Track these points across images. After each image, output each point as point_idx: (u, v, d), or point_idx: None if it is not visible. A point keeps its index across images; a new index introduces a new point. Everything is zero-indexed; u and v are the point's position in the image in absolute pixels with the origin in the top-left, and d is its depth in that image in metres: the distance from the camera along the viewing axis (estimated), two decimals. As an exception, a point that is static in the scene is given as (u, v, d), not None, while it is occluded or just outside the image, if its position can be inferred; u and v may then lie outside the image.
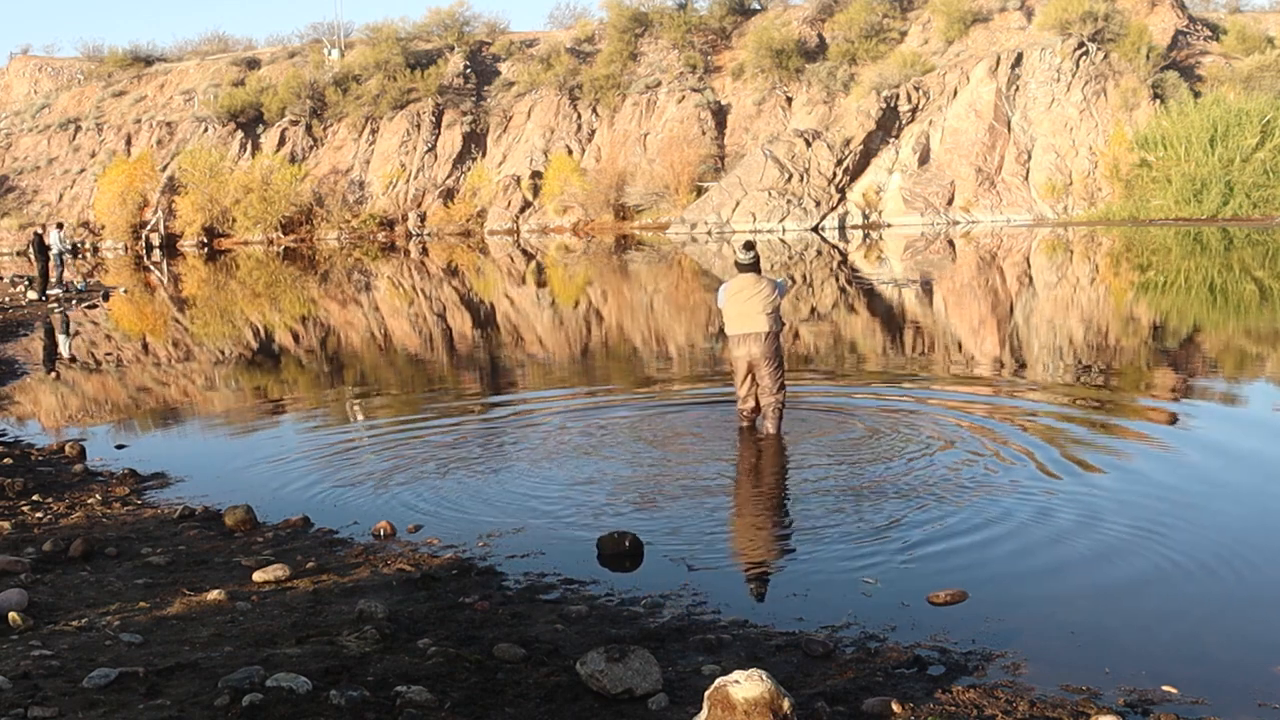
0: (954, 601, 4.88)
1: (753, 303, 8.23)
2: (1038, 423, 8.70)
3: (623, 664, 3.85)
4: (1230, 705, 3.86)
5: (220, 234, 47.38)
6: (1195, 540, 5.68)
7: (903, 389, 10.56)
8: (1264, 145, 36.59)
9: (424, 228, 48.08)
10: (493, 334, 17.21)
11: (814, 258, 30.12)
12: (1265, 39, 46.10)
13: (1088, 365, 12.07)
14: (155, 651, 4.31)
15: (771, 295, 8.26)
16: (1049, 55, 41.67)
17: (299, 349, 16.12)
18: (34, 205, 50.34)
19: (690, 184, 44.20)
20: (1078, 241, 32.29)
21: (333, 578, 5.35)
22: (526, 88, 50.67)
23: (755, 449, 8.01)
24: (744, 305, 8.26)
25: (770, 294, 8.25)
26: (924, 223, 40.18)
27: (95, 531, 6.19)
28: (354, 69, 52.43)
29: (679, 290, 22.82)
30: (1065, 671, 4.13)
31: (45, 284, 24.55)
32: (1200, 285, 19.81)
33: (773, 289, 8.28)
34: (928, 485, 6.81)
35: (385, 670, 4.09)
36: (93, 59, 59.32)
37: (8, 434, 9.69)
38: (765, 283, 8.29)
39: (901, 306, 18.62)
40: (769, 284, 8.30)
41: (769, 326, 8.24)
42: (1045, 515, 6.18)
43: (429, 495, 7.04)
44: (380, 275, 30.42)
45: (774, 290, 8.29)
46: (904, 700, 3.82)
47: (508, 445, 8.45)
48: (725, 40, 51.65)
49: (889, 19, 48.53)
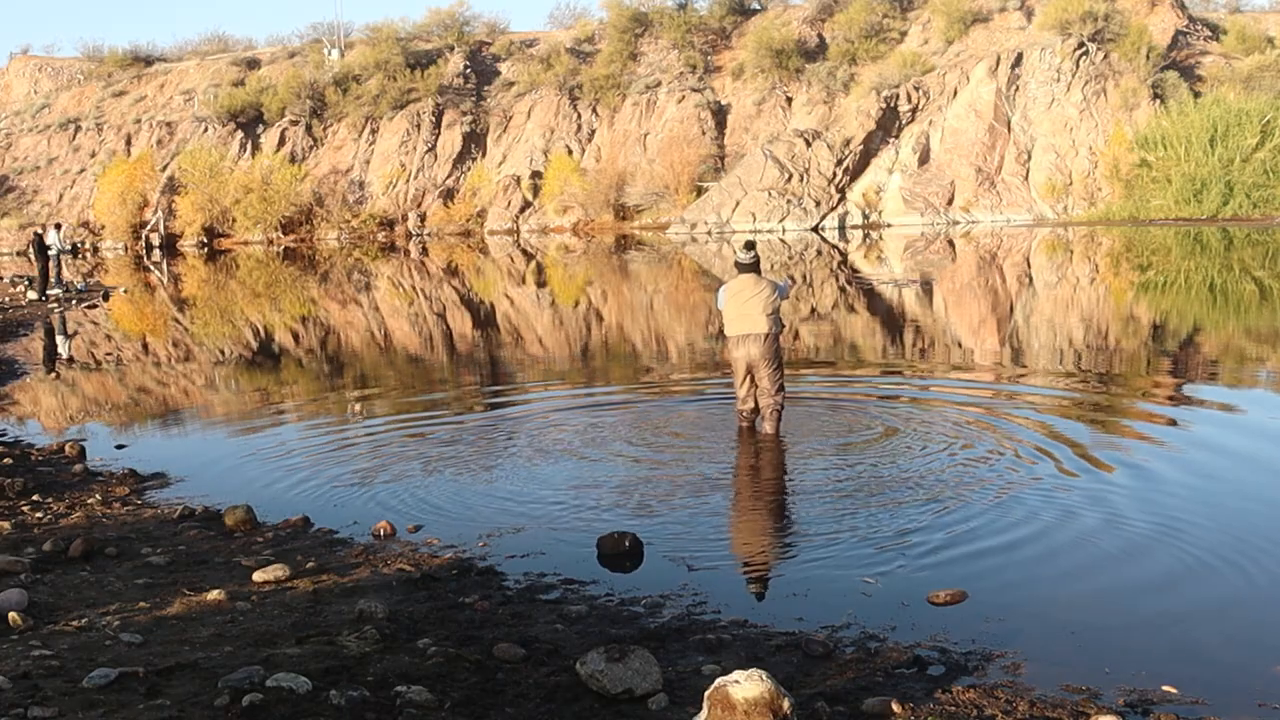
0: (954, 601, 4.88)
1: (752, 304, 8.21)
2: (1037, 422, 8.69)
3: (623, 664, 3.85)
4: (1230, 705, 3.86)
5: (220, 234, 47.39)
6: (1195, 540, 5.68)
7: (902, 388, 10.56)
8: (1264, 145, 36.60)
9: (424, 228, 48.08)
10: (492, 333, 17.21)
11: (814, 258, 30.11)
12: (1265, 39, 46.11)
13: (1087, 365, 12.06)
14: (155, 651, 4.31)
15: (772, 296, 8.23)
16: (1049, 55, 41.67)
17: (299, 349, 16.12)
18: (34, 205, 50.35)
19: (690, 184, 44.20)
20: (1078, 241, 32.29)
21: (333, 578, 5.35)
22: (526, 88, 50.67)
23: (754, 449, 8.00)
24: (744, 306, 8.24)
25: (771, 295, 8.23)
26: (924, 223, 40.18)
27: (95, 531, 6.19)
28: (354, 69, 52.44)
29: (679, 290, 22.81)
30: (1065, 671, 4.13)
31: (45, 284, 24.55)
32: (1200, 285, 19.81)
33: (773, 290, 8.26)
34: (927, 485, 6.81)
35: (385, 670, 4.09)
36: (93, 59, 59.33)
37: (8, 434, 9.69)
38: (766, 284, 8.27)
39: (901, 306, 18.62)
40: (769, 285, 8.27)
41: (768, 328, 8.22)
42: (1045, 515, 6.18)
43: (429, 495, 7.04)
44: (380, 275, 30.41)
45: (774, 291, 8.26)
46: (904, 700, 3.82)
47: (508, 445, 8.44)
48: (725, 40, 51.65)
49: (889, 19, 48.53)
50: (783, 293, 8.35)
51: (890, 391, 10.35)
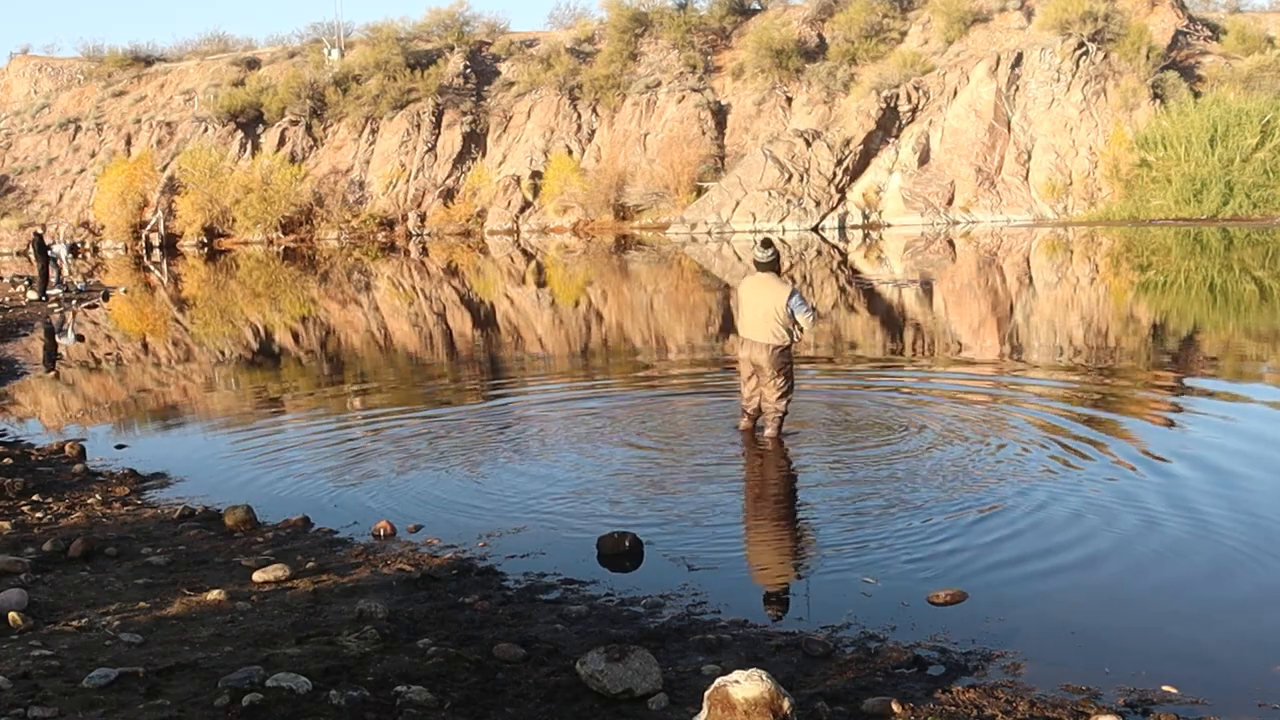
0: (954, 601, 4.88)
1: (761, 310, 7.97)
2: (1037, 422, 8.69)
3: (623, 664, 3.85)
4: (1230, 705, 3.86)
5: (220, 234, 47.36)
6: (1196, 540, 5.69)
7: (902, 388, 10.55)
8: (1264, 145, 36.57)
9: (424, 228, 48.07)
10: (492, 333, 17.20)
11: (814, 258, 30.11)
12: (1265, 39, 46.08)
13: (1087, 364, 12.06)
14: (155, 651, 4.30)
15: (784, 307, 7.85)
16: (1049, 55, 41.66)
17: (299, 349, 16.12)
18: (34, 205, 50.32)
19: (690, 184, 44.19)
20: (1078, 241, 32.28)
21: (333, 578, 5.35)
22: (526, 88, 50.65)
23: (755, 447, 8.00)
24: (753, 310, 8.05)
25: (783, 306, 7.85)
26: (924, 223, 40.17)
27: (95, 531, 6.19)
28: (354, 69, 52.40)
29: (679, 290, 22.80)
30: (1065, 671, 4.13)
31: (45, 284, 24.55)
32: (1200, 285, 19.81)
33: (787, 302, 7.85)
34: (927, 485, 6.81)
35: (385, 670, 4.09)
36: (93, 59, 59.28)
37: (8, 434, 9.69)
38: (782, 291, 7.88)
39: (901, 306, 18.62)
40: (787, 294, 7.87)
41: (772, 340, 7.96)
42: (1045, 515, 6.18)
43: (429, 494, 7.04)
44: (380, 275, 30.41)
45: (788, 302, 7.85)
46: (904, 700, 3.82)
47: (508, 444, 8.44)
48: (725, 40, 51.63)
49: (889, 19, 48.51)
50: (797, 307, 7.89)
51: (890, 392, 10.34)
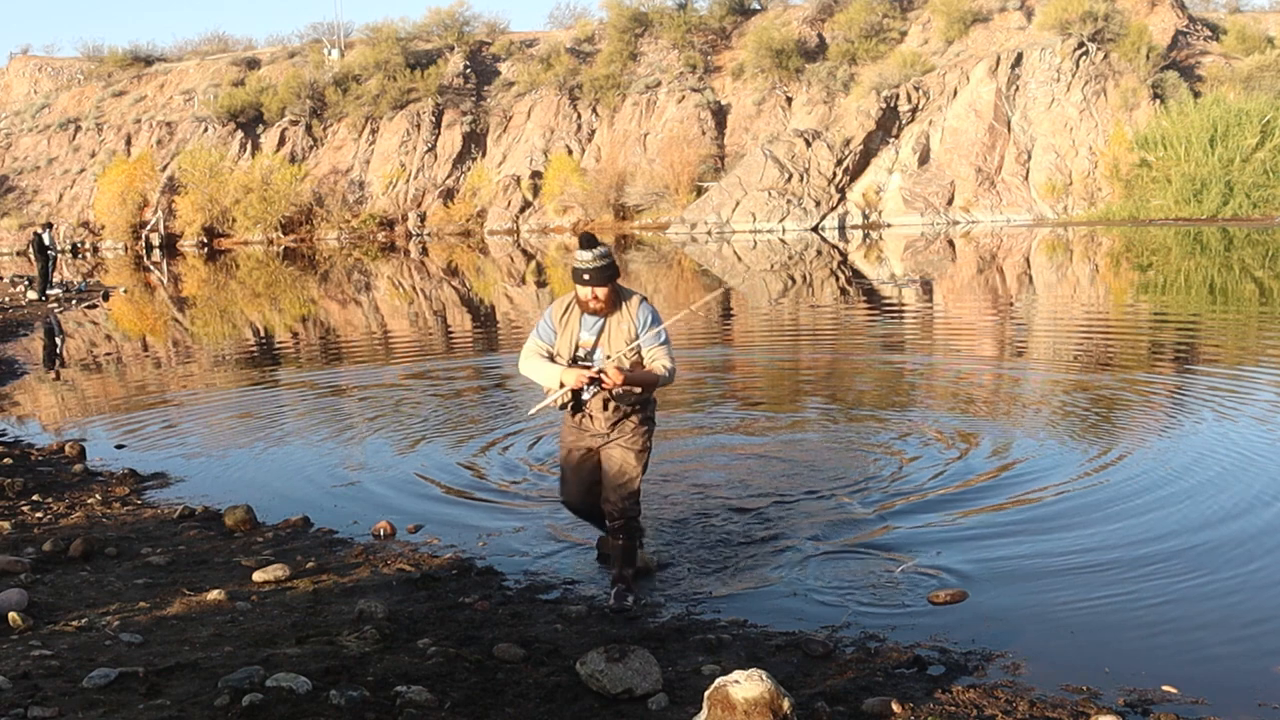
0: (954, 601, 4.88)
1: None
2: (1039, 420, 8.69)
3: (623, 664, 3.85)
4: (1230, 705, 3.86)
5: (220, 234, 47.36)
6: (1196, 540, 5.68)
7: (901, 387, 10.55)
8: (1264, 145, 36.58)
9: (424, 228, 48.08)
10: (493, 332, 17.20)
11: (814, 258, 30.11)
12: (1265, 39, 46.10)
13: (1086, 363, 12.06)
14: (155, 651, 4.30)
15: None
16: (1049, 55, 41.66)
17: (299, 349, 16.12)
18: (34, 205, 50.29)
19: (690, 184, 44.19)
20: (1078, 241, 32.28)
21: (333, 578, 5.35)
22: (526, 88, 50.66)
23: (755, 446, 8.00)
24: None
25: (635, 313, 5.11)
26: (924, 223, 40.17)
27: (95, 531, 6.19)
28: (354, 69, 52.41)
29: (679, 290, 22.81)
30: (1065, 671, 4.13)
31: (45, 284, 24.54)
32: (1200, 285, 19.82)
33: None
34: (927, 485, 6.81)
35: (385, 670, 4.09)
36: (93, 59, 59.27)
37: (8, 434, 9.68)
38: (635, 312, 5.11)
39: (901, 305, 18.64)
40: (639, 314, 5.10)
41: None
42: (1046, 514, 6.18)
43: (429, 494, 7.04)
44: (380, 275, 30.41)
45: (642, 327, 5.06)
46: (904, 700, 3.82)
47: (505, 443, 8.44)
48: (725, 40, 51.64)
49: (889, 19, 48.53)
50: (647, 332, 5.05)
51: (890, 390, 10.34)
